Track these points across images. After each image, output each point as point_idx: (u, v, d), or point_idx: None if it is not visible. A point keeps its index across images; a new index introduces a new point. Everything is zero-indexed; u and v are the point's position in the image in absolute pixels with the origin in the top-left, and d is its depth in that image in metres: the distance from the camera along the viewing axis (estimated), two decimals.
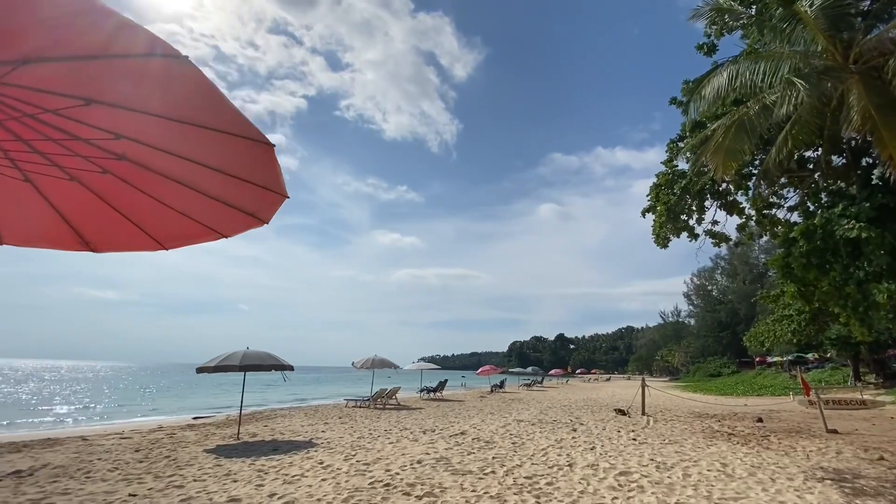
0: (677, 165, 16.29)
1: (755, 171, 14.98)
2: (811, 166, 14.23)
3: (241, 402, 11.08)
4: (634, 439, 9.79)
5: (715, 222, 16.56)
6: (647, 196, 17.15)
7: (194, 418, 17.25)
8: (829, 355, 34.02)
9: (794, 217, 15.54)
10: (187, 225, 2.18)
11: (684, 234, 17.04)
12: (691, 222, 16.59)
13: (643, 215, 17.50)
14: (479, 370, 32.62)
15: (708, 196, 15.80)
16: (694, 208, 16.30)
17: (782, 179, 14.73)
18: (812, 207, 14.63)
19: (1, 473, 6.40)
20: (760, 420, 13.11)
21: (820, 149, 13.06)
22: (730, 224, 16.67)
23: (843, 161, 13.39)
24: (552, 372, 57.33)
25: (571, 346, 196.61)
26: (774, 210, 15.91)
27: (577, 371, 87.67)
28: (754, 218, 16.33)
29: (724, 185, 15.91)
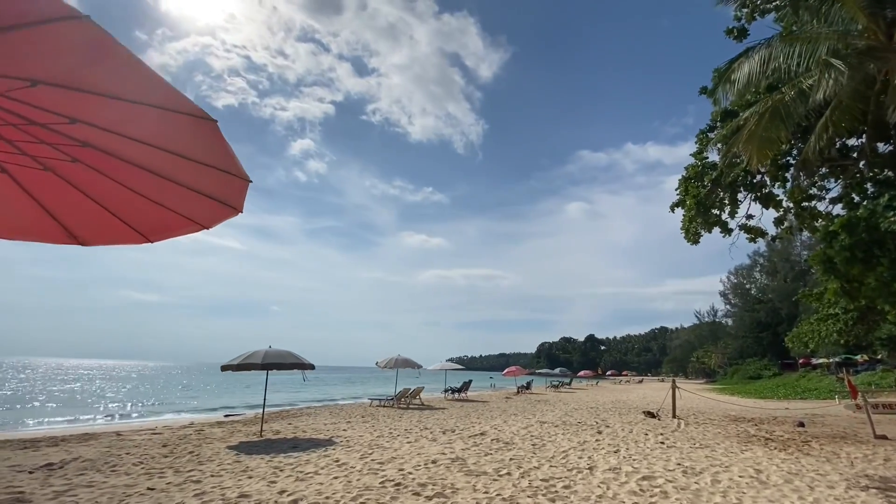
0: (707, 157, 15.61)
1: (793, 162, 14.16)
2: (854, 154, 13.34)
3: (264, 400, 11.28)
4: (662, 443, 9.39)
5: (749, 216, 15.77)
6: (676, 190, 16.51)
7: (225, 415, 17.73)
8: (879, 357, 31.91)
9: (837, 209, 14.60)
10: (165, 215, 2.16)
11: (717, 230, 16.29)
12: (724, 216, 15.86)
13: (672, 210, 16.86)
14: (505, 371, 32.29)
15: (741, 188, 15.06)
16: (726, 201, 15.57)
17: (823, 169, 13.88)
18: (857, 198, 13.71)
19: (34, 466, 6.70)
20: (802, 424, 12.37)
21: (864, 135, 12.22)
22: (766, 218, 15.85)
23: (891, 148, 12.48)
24: (581, 373, 56.18)
25: (602, 348, 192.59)
26: (814, 202, 15.00)
27: (608, 373, 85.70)
28: (793, 211, 15.46)
29: (758, 177, 15.13)
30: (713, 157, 15.61)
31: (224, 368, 10.26)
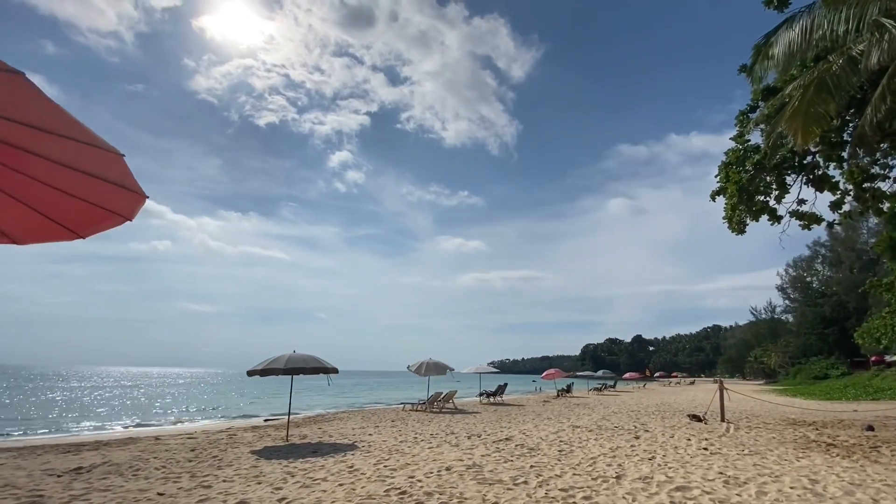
0: (749, 140, 14.47)
1: (848, 138, 12.84)
2: None
3: (290, 404, 11.37)
4: (705, 449, 8.64)
5: (801, 201, 14.45)
6: (716, 177, 15.42)
7: (265, 420, 18.17)
8: None
9: None
10: (85, 208, 2.06)
11: (764, 218, 15.07)
12: (771, 203, 14.64)
13: (713, 199, 15.74)
14: (544, 374, 31.43)
15: (789, 171, 13.83)
16: (773, 186, 14.36)
17: (883, 145, 12.48)
18: None
19: (64, 469, 6.96)
20: (871, 428, 11.10)
21: None
22: (821, 202, 14.41)
23: None
24: (626, 375, 53.96)
25: (650, 348, 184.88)
26: (877, 182, 13.53)
27: (656, 374, 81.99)
28: (852, 193, 14.03)
29: (809, 158, 13.85)
30: (756, 139, 14.47)
31: (250, 373, 10.41)
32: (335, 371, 10.82)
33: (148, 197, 1.98)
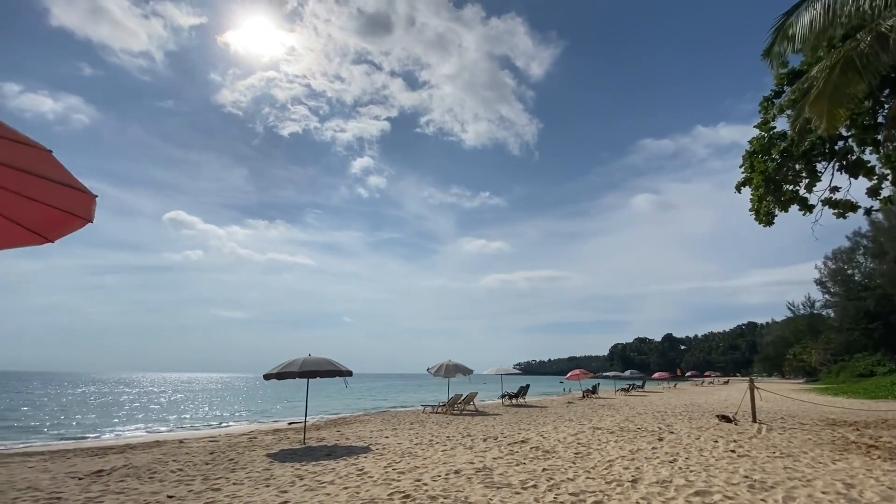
0: (775, 127, 13.81)
1: (883, 120, 12.08)
2: None
3: (306, 408, 11.44)
4: (733, 451, 8.22)
5: (835, 189, 13.68)
6: (741, 167, 14.80)
7: (290, 423, 18.41)
8: None
9: None
10: (45, 210, 2.05)
11: (794, 208, 14.35)
12: (801, 192, 13.92)
13: (738, 190, 15.12)
14: (568, 374, 30.84)
15: (819, 158, 13.12)
16: (803, 174, 13.66)
17: None
18: None
19: (87, 472, 7.17)
20: None
21: None
22: (857, 189, 13.59)
23: None
24: (655, 375, 52.41)
25: (682, 347, 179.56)
26: None
27: (688, 374, 79.45)
28: (890, 178, 13.20)
29: (841, 142, 13.11)
30: (782, 125, 13.81)
31: (267, 377, 10.54)
32: (349, 373, 10.85)
33: (97, 196, 1.97)
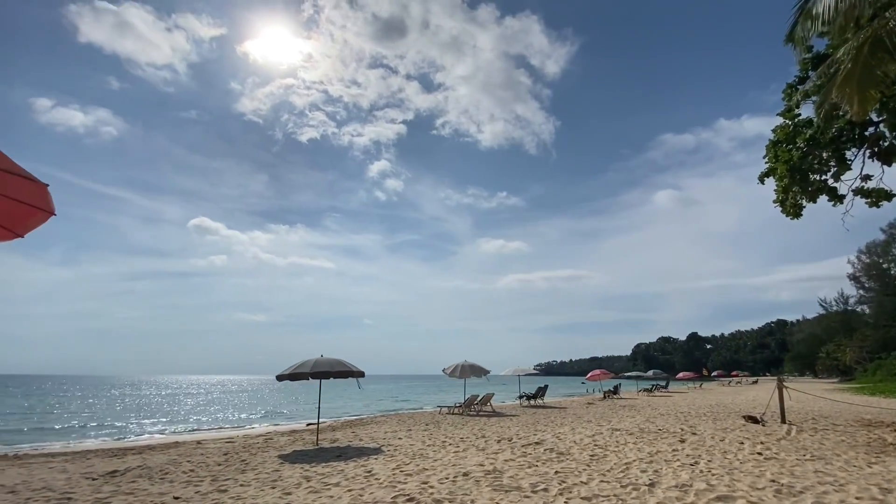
0: (799, 114, 13.20)
1: None
2: None
3: (319, 409, 11.42)
4: (760, 454, 7.81)
5: (867, 177, 12.98)
6: (764, 157, 14.21)
7: (308, 424, 18.51)
8: None
9: None
10: (15, 206, 1.98)
11: (823, 199, 13.69)
12: (830, 181, 13.26)
13: (761, 181, 14.53)
14: (588, 375, 30.25)
15: (848, 145, 12.47)
16: (831, 163, 13.00)
17: None
18: None
19: (101, 472, 7.26)
20: None
21: None
22: (891, 176, 12.86)
23: None
24: (679, 375, 51.08)
25: (708, 346, 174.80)
26: None
27: (714, 373, 77.25)
28: None
29: (871, 128, 12.44)
30: (807, 112, 13.19)
31: (279, 378, 10.55)
32: (361, 374, 10.78)
33: (48, 185, 1.89)
